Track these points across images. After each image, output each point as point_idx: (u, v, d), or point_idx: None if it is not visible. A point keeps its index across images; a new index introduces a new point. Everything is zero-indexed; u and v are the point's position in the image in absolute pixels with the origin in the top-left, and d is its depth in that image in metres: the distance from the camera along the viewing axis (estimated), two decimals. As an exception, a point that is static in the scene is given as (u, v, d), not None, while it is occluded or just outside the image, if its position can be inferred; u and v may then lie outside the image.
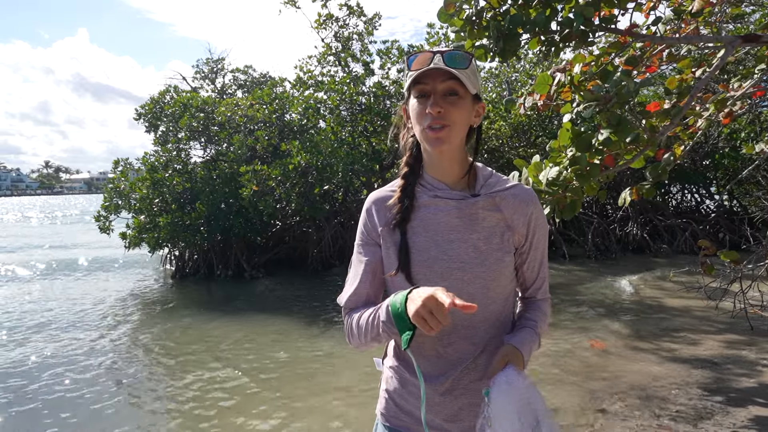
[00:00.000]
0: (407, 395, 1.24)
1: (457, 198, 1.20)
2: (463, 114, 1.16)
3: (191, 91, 13.53)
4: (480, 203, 1.19)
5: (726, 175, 11.71)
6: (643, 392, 4.00)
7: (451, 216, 1.20)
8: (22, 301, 8.25)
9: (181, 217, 9.37)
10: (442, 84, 1.14)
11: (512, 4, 2.46)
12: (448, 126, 1.14)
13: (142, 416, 4.03)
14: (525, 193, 1.23)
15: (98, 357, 5.47)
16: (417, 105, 1.16)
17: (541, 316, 1.26)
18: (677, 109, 2.63)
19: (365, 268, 1.25)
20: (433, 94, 1.14)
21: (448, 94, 1.14)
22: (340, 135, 10.18)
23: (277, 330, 6.37)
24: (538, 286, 1.29)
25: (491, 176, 1.26)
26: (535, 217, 1.22)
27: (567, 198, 2.59)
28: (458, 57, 1.14)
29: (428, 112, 1.13)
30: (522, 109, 2.91)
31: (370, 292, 1.25)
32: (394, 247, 1.22)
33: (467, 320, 1.19)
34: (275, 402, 4.20)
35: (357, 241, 1.30)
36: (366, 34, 11.08)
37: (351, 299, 1.25)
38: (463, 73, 1.12)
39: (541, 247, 1.26)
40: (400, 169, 1.29)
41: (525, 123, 11.26)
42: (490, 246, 1.19)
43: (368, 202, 1.29)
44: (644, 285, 8.06)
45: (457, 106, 1.14)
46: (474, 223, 1.19)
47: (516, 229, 1.21)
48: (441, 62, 1.12)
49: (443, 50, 1.14)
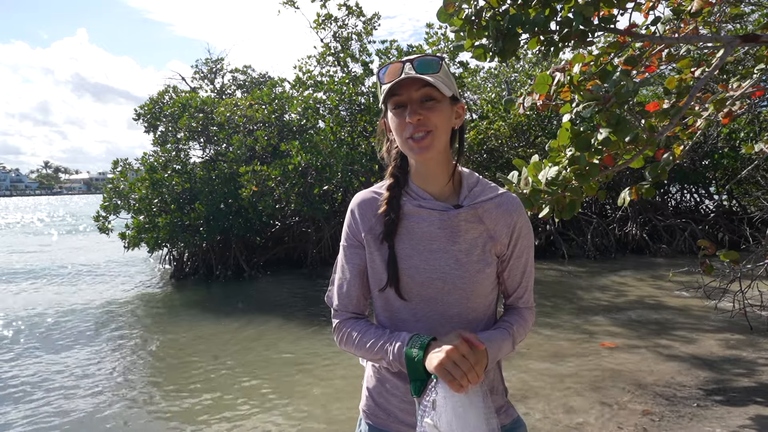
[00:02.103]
0: (386, 394, 1.26)
1: (440, 209, 1.20)
2: (443, 118, 1.15)
3: (190, 91, 13.52)
4: (462, 215, 1.19)
5: (725, 175, 11.71)
6: (643, 392, 4.00)
7: (433, 226, 1.20)
8: (22, 302, 8.25)
9: (181, 218, 9.36)
10: (417, 92, 1.13)
11: (512, 3, 2.46)
12: (431, 132, 1.13)
13: (141, 415, 4.03)
14: (509, 202, 1.22)
15: (97, 356, 5.47)
16: (395, 117, 1.16)
17: (519, 320, 1.25)
18: (676, 108, 2.63)
19: (352, 271, 1.26)
20: (409, 104, 1.13)
21: (425, 100, 1.14)
22: (339, 135, 10.17)
23: (276, 330, 6.37)
24: (519, 295, 1.28)
25: (477, 184, 1.25)
26: (519, 227, 1.22)
27: (566, 198, 2.59)
28: (428, 62, 1.14)
29: (408, 122, 1.12)
30: (521, 109, 2.91)
31: (359, 294, 1.27)
32: (380, 258, 1.22)
33: (445, 327, 1.19)
34: (274, 402, 4.19)
35: (342, 242, 1.30)
36: (365, 34, 11.08)
37: (342, 303, 1.27)
38: (436, 78, 1.12)
39: (524, 257, 1.25)
40: (385, 179, 1.29)
41: (524, 123, 11.26)
42: (471, 258, 1.19)
43: (353, 204, 1.30)
44: (644, 285, 8.06)
45: (436, 111, 1.14)
46: (456, 235, 1.19)
47: (498, 239, 1.21)
48: (412, 71, 1.13)
49: (412, 58, 1.15)
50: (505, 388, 1.33)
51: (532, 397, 3.99)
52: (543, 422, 3.59)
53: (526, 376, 4.41)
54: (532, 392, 4.09)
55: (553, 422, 3.58)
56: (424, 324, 1.21)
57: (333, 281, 1.31)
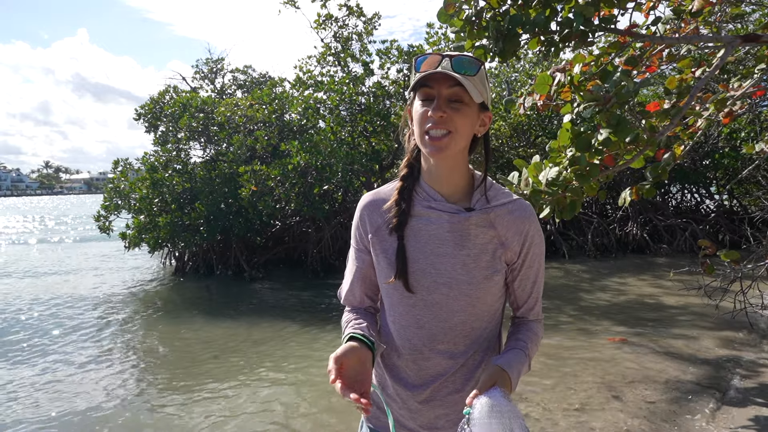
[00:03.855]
0: (388, 399, 1.27)
1: (451, 212, 1.17)
2: (466, 122, 1.12)
3: (191, 91, 13.52)
4: (473, 219, 1.16)
5: (726, 175, 11.71)
6: (643, 391, 4.00)
7: (442, 229, 1.17)
8: (19, 301, 8.25)
9: (181, 217, 9.37)
10: (448, 90, 1.10)
11: (512, 4, 2.46)
12: (450, 133, 1.10)
13: (140, 414, 4.03)
14: (522, 209, 1.19)
15: (97, 356, 5.47)
16: (420, 107, 1.13)
17: (532, 337, 1.22)
18: (677, 109, 2.63)
19: (356, 273, 1.30)
20: (437, 98, 1.11)
21: (453, 101, 1.10)
22: (339, 135, 10.16)
23: (276, 330, 6.37)
24: (530, 306, 1.25)
25: (490, 188, 1.22)
26: (531, 235, 1.19)
27: (567, 198, 2.58)
28: (467, 63, 1.10)
29: (430, 115, 1.10)
30: (522, 109, 2.91)
31: (363, 293, 1.31)
32: (384, 253, 1.21)
33: (448, 335, 1.19)
34: (275, 402, 4.19)
35: (352, 242, 1.33)
36: (365, 34, 11.08)
37: (348, 298, 1.33)
38: (470, 80, 1.09)
39: (535, 266, 1.22)
40: (400, 170, 1.27)
41: (525, 123, 11.27)
42: (479, 264, 1.16)
43: (360, 205, 1.28)
44: (644, 284, 8.06)
45: (461, 114, 1.10)
46: (465, 239, 1.16)
47: (509, 247, 1.18)
48: (449, 67, 1.09)
49: (453, 54, 1.12)
50: None
51: (532, 397, 3.99)
52: (543, 422, 3.59)
53: (526, 376, 4.41)
54: (532, 392, 4.09)
55: (553, 422, 3.58)
56: (426, 332, 1.19)
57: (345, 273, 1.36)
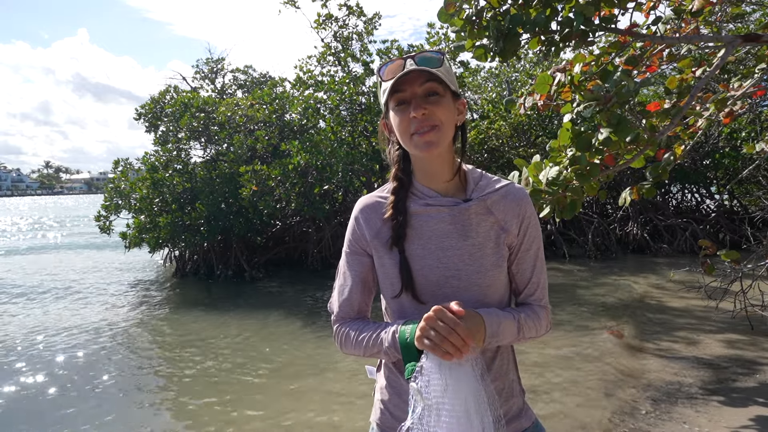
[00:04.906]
0: (403, 404, 1.21)
1: (449, 204, 1.17)
2: (448, 113, 1.13)
3: (191, 91, 13.52)
4: (472, 208, 1.17)
5: (726, 175, 11.70)
6: (644, 391, 4.00)
7: (444, 223, 1.17)
8: (19, 301, 8.26)
9: (181, 217, 9.37)
10: (421, 87, 1.11)
11: (512, 3, 2.46)
12: (437, 126, 1.11)
13: (140, 414, 4.03)
14: (516, 192, 1.21)
15: (97, 356, 5.47)
16: (397, 115, 1.13)
17: (527, 310, 1.19)
18: (677, 108, 2.63)
19: (354, 278, 1.24)
20: (413, 99, 1.11)
21: (429, 95, 1.11)
22: (339, 135, 10.16)
23: (277, 330, 6.37)
24: (530, 292, 1.22)
25: (481, 178, 1.23)
26: (527, 216, 1.20)
27: (567, 198, 2.58)
28: (430, 57, 1.13)
29: (413, 117, 1.10)
30: (522, 109, 2.91)
31: (361, 300, 1.25)
32: (391, 264, 1.19)
33: None
34: (275, 402, 4.20)
35: (345, 249, 1.28)
36: (366, 33, 11.08)
37: (343, 308, 1.25)
38: (439, 71, 1.11)
39: (533, 249, 1.21)
40: (389, 183, 1.26)
41: (525, 123, 11.25)
42: (485, 252, 1.16)
43: (356, 210, 1.27)
44: (644, 284, 8.06)
45: (442, 105, 1.12)
46: (467, 229, 1.17)
47: (509, 230, 1.18)
48: (414, 65, 1.11)
49: (412, 54, 1.13)
50: (523, 389, 1.30)
51: (532, 396, 3.99)
52: (542, 421, 3.59)
53: (526, 375, 4.41)
54: (532, 391, 4.08)
55: (552, 422, 3.58)
56: None
57: (334, 287, 1.29)
